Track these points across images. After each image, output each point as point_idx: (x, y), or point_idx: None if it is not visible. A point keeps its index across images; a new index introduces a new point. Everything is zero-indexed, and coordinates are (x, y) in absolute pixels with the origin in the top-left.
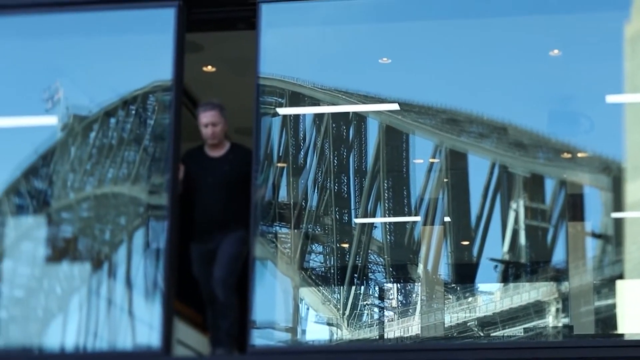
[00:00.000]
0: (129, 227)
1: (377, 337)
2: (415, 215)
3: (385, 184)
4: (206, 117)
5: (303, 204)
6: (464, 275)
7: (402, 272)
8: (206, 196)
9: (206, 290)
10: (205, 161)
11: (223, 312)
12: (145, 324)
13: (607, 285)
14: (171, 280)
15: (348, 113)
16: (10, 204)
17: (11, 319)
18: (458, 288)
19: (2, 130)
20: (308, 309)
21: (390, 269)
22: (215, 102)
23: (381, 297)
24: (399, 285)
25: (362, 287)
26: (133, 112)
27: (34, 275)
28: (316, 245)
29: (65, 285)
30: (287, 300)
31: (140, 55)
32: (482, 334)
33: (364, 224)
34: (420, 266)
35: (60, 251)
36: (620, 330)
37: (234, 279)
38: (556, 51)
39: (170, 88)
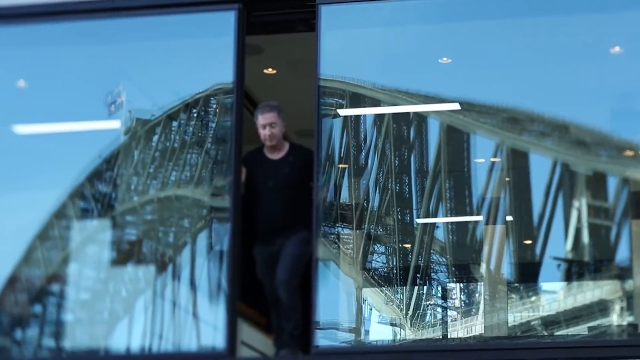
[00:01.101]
0: (193, 230)
1: (441, 337)
2: (477, 214)
3: (447, 184)
4: (264, 119)
5: (365, 204)
6: (527, 275)
7: (464, 272)
8: (267, 199)
9: (270, 292)
10: (265, 164)
11: (287, 314)
12: (209, 326)
13: None
14: (235, 282)
15: (409, 113)
16: (75, 207)
17: (77, 321)
18: (521, 287)
19: (67, 134)
20: (371, 309)
21: (453, 269)
22: (273, 104)
23: (444, 297)
24: (461, 285)
25: (425, 287)
26: (195, 115)
27: (100, 278)
28: (378, 245)
29: (130, 287)
30: (350, 301)
31: (201, 58)
32: (545, 333)
33: (425, 224)
34: (483, 266)
35: (125, 254)
36: None
37: (298, 281)
38: (617, 48)
39: (232, 91)
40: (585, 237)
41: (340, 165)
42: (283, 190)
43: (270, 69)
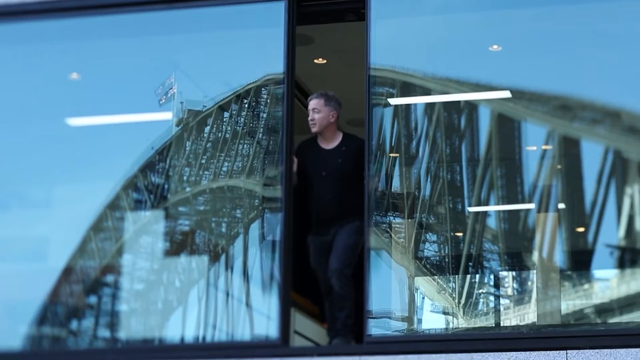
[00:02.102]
0: (245, 220)
1: (493, 325)
2: (529, 202)
3: (498, 172)
4: (309, 104)
5: (416, 193)
6: (580, 262)
7: (516, 260)
8: (320, 189)
9: (323, 281)
10: (318, 153)
11: (339, 303)
12: (263, 316)
13: None
14: (288, 272)
15: (459, 102)
16: (128, 199)
17: (132, 311)
18: (574, 275)
19: (120, 126)
20: (423, 298)
21: (505, 257)
22: (323, 92)
23: (496, 285)
24: (514, 273)
25: (477, 276)
26: (246, 105)
27: (153, 269)
28: (430, 234)
29: (183, 278)
30: (402, 290)
31: (252, 49)
32: (599, 321)
33: (477, 213)
34: (535, 254)
35: (178, 244)
36: None
37: (350, 270)
38: None
39: (282, 81)
40: (638, 224)
41: (391, 155)
42: (336, 180)
43: (320, 59)
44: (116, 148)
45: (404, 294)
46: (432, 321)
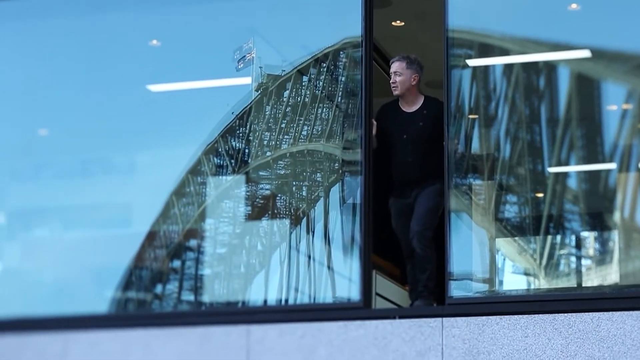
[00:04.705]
0: (326, 183)
1: (575, 286)
2: (610, 162)
3: (578, 132)
4: (391, 67)
5: (496, 154)
6: None
7: (598, 220)
8: (401, 152)
9: (405, 244)
10: (400, 116)
11: (421, 265)
12: (344, 278)
13: None
14: (369, 234)
15: (538, 62)
16: (210, 164)
17: (215, 275)
18: None
19: (200, 91)
20: (504, 259)
21: (586, 217)
22: (405, 55)
23: (577, 246)
24: (595, 233)
25: (558, 237)
26: (325, 69)
27: (235, 233)
28: (510, 195)
29: (265, 241)
30: (483, 252)
31: (330, 12)
32: None
33: (557, 173)
34: (617, 214)
35: (260, 208)
36: None
37: (431, 232)
38: None
39: (360, 44)
40: None
41: (470, 116)
42: (417, 143)
43: (398, 22)
44: (197, 113)
45: (485, 255)
46: (513, 282)
